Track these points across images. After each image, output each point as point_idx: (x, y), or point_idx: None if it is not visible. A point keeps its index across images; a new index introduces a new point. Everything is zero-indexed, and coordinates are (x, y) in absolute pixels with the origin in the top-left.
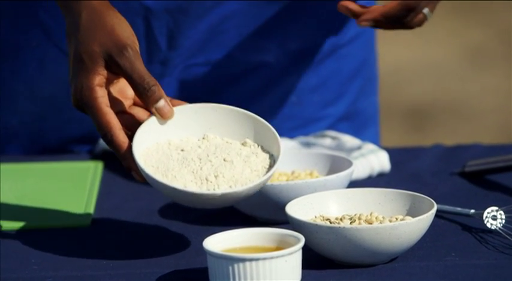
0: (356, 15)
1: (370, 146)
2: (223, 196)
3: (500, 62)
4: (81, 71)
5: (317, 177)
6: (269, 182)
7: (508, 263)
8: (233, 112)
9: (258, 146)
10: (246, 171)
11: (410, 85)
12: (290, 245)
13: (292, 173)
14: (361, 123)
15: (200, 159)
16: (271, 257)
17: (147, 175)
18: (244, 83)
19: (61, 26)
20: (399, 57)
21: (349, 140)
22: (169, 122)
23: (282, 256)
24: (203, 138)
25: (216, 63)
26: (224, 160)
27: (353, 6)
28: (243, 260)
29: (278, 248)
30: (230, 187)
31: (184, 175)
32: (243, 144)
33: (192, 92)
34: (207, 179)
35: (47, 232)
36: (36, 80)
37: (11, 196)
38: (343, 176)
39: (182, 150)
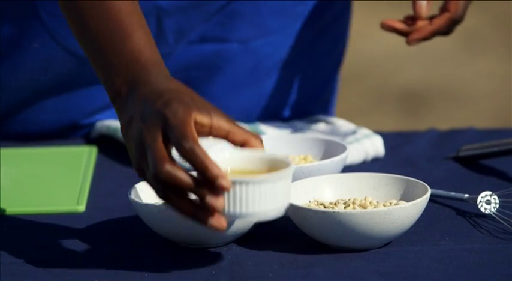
0: (402, 34)
1: (364, 131)
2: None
3: (495, 46)
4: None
5: (311, 162)
6: None
7: (501, 247)
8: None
9: None
10: None
11: (405, 70)
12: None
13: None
14: (335, 90)
15: None
16: (260, 181)
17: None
18: (240, 61)
19: (64, 25)
20: (393, 42)
21: (343, 124)
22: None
23: (272, 179)
24: None
25: (212, 40)
26: None
27: (398, 25)
28: (233, 183)
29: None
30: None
31: None
32: None
33: (191, 71)
34: None
35: (41, 217)
36: (40, 78)
37: (5, 181)
38: (338, 160)
39: None
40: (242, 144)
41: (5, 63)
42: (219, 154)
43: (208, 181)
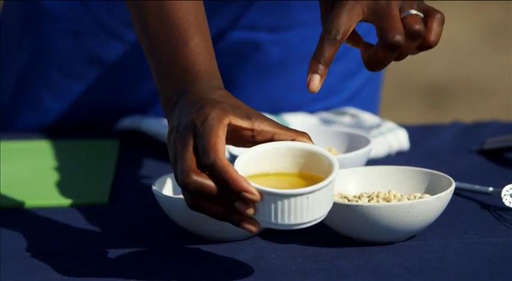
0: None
1: (389, 125)
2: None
3: None
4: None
5: (335, 155)
6: None
7: None
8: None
9: None
10: None
11: (429, 63)
12: (322, 168)
13: None
14: (375, 88)
15: None
16: (291, 195)
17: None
18: (267, 53)
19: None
20: None
21: (368, 118)
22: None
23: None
24: None
25: (242, 28)
26: None
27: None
28: (261, 193)
29: (305, 172)
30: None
31: None
32: None
33: (220, 57)
34: None
35: (64, 210)
36: (70, 53)
37: (29, 174)
38: (361, 154)
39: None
40: None
41: (38, 35)
42: (259, 148)
43: (234, 193)
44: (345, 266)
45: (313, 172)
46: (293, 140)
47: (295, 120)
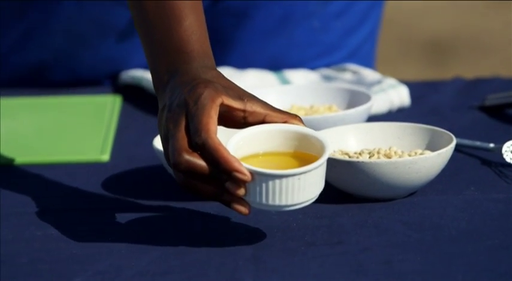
0: None
1: (390, 81)
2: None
3: None
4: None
5: (336, 111)
6: None
7: None
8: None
9: None
10: None
11: (430, 18)
12: (313, 149)
13: (311, 107)
14: (373, 44)
15: None
16: (282, 175)
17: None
18: (270, 9)
19: None
20: None
21: (369, 74)
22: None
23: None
24: None
25: None
26: None
27: None
28: (253, 174)
29: (297, 153)
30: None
31: None
32: None
33: (220, 17)
34: None
35: (65, 166)
36: (73, 20)
37: (30, 130)
38: (362, 110)
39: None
40: None
41: (42, 2)
42: (250, 130)
43: (225, 173)
44: (345, 222)
45: (306, 151)
46: (285, 122)
47: (297, 77)
